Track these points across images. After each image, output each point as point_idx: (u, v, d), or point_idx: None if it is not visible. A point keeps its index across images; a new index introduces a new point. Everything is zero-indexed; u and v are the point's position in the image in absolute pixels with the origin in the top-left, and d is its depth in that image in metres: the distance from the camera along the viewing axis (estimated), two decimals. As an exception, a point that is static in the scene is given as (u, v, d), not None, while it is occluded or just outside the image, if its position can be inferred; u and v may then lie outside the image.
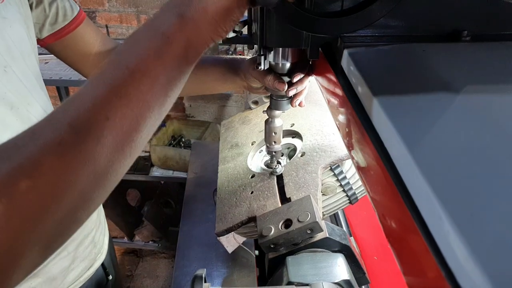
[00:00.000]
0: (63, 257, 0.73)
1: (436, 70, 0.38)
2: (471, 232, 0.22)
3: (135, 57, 0.34)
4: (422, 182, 0.26)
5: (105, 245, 0.90)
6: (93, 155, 0.31)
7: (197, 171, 1.30)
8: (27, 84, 0.63)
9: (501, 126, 0.31)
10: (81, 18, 0.74)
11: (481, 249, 0.21)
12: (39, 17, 0.69)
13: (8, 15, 0.60)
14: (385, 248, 0.87)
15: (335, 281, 0.51)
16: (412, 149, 0.28)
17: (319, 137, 0.71)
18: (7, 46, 0.59)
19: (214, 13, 0.35)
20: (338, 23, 0.36)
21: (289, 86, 0.59)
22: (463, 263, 0.22)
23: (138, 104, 0.34)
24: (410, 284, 0.29)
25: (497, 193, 0.25)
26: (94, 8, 2.07)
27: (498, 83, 0.37)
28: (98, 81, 0.34)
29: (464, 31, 0.42)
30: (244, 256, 0.92)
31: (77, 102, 0.33)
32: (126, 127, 0.33)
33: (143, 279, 2.10)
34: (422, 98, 0.34)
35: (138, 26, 2.11)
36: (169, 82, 0.36)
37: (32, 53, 0.66)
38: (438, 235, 0.24)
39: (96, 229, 0.84)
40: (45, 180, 0.30)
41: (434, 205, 0.24)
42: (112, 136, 0.32)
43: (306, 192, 0.62)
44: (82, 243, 0.78)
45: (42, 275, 0.70)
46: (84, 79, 1.67)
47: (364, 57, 0.40)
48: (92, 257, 0.83)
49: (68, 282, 0.77)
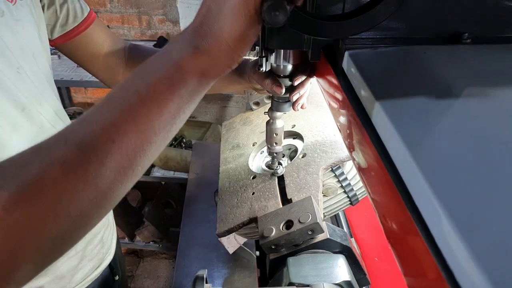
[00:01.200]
0: (71, 256, 0.74)
1: (437, 72, 0.38)
2: (471, 232, 0.22)
3: (146, 84, 0.35)
4: (423, 182, 0.26)
5: (113, 245, 0.90)
6: (96, 176, 0.32)
7: (198, 172, 1.30)
8: (39, 86, 0.64)
9: (500, 128, 0.31)
10: (91, 19, 0.74)
11: (480, 249, 0.21)
12: (50, 18, 0.69)
13: (20, 16, 0.60)
14: (386, 250, 0.87)
15: (336, 282, 0.51)
16: (413, 151, 0.28)
17: (320, 138, 0.71)
18: (20, 47, 0.60)
19: (229, 42, 0.35)
20: (340, 26, 0.36)
21: (291, 89, 0.59)
22: (463, 263, 0.22)
23: (145, 130, 0.34)
24: (411, 285, 0.29)
25: (497, 193, 0.25)
26: (95, 8, 2.07)
27: (498, 85, 0.37)
28: (109, 104, 0.35)
29: (465, 33, 0.42)
30: (245, 257, 0.92)
31: (85, 123, 0.34)
32: (131, 152, 0.34)
33: (143, 280, 2.11)
34: (423, 100, 0.34)
35: (139, 27, 2.12)
36: (178, 110, 0.36)
37: (44, 54, 0.66)
38: (438, 235, 0.25)
39: (105, 229, 0.84)
40: (46, 198, 0.30)
41: (434, 205, 0.25)
42: (116, 159, 0.33)
43: (307, 193, 0.62)
44: (90, 242, 0.78)
45: (50, 274, 0.70)
46: (85, 80, 1.68)
47: (365, 59, 0.40)
48: (100, 256, 0.83)
49: (76, 281, 0.77)
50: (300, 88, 0.59)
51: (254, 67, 0.67)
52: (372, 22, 0.35)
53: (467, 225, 0.23)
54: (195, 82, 0.36)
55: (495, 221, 0.23)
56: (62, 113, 0.72)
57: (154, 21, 2.10)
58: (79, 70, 1.74)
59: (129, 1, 2.04)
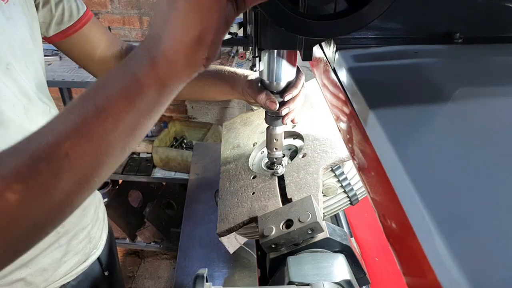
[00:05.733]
0: (54, 249, 0.74)
1: (427, 72, 0.39)
2: (451, 230, 0.23)
3: (103, 96, 0.34)
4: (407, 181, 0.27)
5: (102, 241, 0.90)
6: (49, 189, 0.32)
7: (199, 172, 1.30)
8: (28, 84, 0.64)
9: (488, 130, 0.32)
10: (88, 17, 0.75)
11: (459, 247, 0.22)
12: (45, 16, 0.70)
13: (12, 15, 0.61)
14: (386, 250, 0.87)
15: (336, 281, 0.51)
16: (399, 151, 0.29)
17: (320, 138, 0.72)
18: (10, 45, 0.60)
19: (185, 47, 0.33)
20: (331, 26, 0.35)
21: (281, 104, 0.60)
22: (443, 259, 0.22)
23: (99, 143, 0.33)
24: (410, 284, 0.29)
25: (479, 194, 0.26)
26: (97, 10, 2.08)
27: (486, 85, 0.38)
28: (66, 115, 0.34)
29: (457, 33, 0.43)
30: (246, 257, 0.92)
31: (41, 135, 0.33)
32: (86, 165, 0.33)
33: (144, 280, 2.11)
34: (412, 101, 0.35)
35: (140, 28, 2.12)
36: (136, 123, 0.35)
37: (35, 53, 0.67)
38: (420, 232, 0.25)
39: (93, 224, 0.84)
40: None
41: (417, 205, 0.25)
42: (71, 172, 0.32)
43: (307, 192, 0.62)
44: (76, 236, 0.79)
45: (32, 266, 0.70)
46: (86, 81, 1.68)
47: (356, 59, 0.41)
48: (86, 251, 0.83)
49: (60, 274, 0.77)
50: (290, 103, 0.61)
51: (248, 81, 0.69)
52: (363, 22, 0.35)
53: (447, 223, 0.23)
54: (155, 94, 0.35)
55: (474, 218, 0.24)
56: (54, 113, 0.73)
57: (155, 22, 2.10)
58: (81, 71, 1.74)
59: (130, 2, 2.05)
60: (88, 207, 0.83)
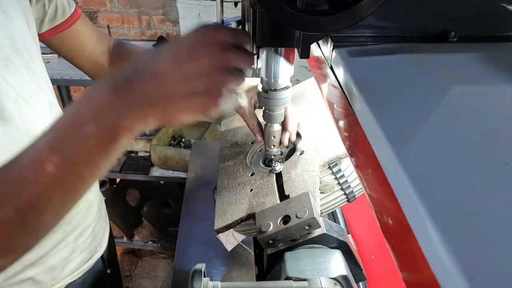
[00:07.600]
0: (62, 248, 0.74)
1: (423, 70, 0.39)
2: (447, 225, 0.23)
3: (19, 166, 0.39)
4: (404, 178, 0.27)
5: (105, 238, 0.91)
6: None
7: (197, 171, 1.31)
8: (31, 77, 0.64)
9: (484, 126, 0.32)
10: (78, 14, 0.76)
11: (455, 242, 0.22)
12: (39, 12, 0.71)
13: (8, 9, 0.61)
14: (383, 247, 0.88)
15: (333, 277, 0.52)
16: (395, 147, 0.30)
17: (318, 136, 0.72)
18: (10, 39, 0.60)
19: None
20: (326, 21, 0.36)
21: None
22: (439, 254, 0.23)
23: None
24: (406, 280, 0.30)
25: (475, 189, 0.26)
26: (96, 8, 2.08)
27: (481, 83, 0.39)
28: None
29: (452, 32, 0.43)
30: (243, 254, 0.93)
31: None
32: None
33: (142, 279, 2.11)
34: (408, 98, 0.35)
35: (139, 27, 2.12)
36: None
37: (35, 46, 0.67)
38: (416, 228, 0.26)
39: (96, 221, 0.85)
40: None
41: (414, 200, 0.26)
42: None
43: (305, 189, 0.63)
44: (82, 234, 0.79)
45: (41, 264, 0.71)
46: (84, 78, 1.68)
47: (353, 56, 0.41)
48: (91, 249, 0.84)
49: (67, 273, 0.78)
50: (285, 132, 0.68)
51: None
52: (357, 17, 0.35)
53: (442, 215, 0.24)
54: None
55: (468, 211, 0.25)
56: (56, 109, 0.73)
57: (154, 21, 2.10)
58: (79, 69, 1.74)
59: (129, 1, 2.05)
60: (93, 204, 0.83)
